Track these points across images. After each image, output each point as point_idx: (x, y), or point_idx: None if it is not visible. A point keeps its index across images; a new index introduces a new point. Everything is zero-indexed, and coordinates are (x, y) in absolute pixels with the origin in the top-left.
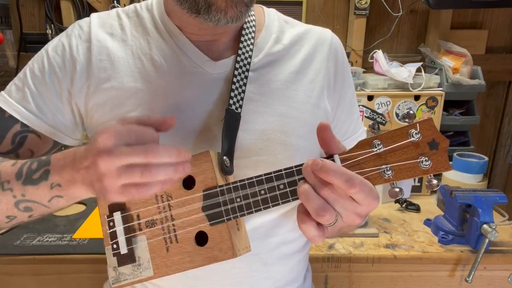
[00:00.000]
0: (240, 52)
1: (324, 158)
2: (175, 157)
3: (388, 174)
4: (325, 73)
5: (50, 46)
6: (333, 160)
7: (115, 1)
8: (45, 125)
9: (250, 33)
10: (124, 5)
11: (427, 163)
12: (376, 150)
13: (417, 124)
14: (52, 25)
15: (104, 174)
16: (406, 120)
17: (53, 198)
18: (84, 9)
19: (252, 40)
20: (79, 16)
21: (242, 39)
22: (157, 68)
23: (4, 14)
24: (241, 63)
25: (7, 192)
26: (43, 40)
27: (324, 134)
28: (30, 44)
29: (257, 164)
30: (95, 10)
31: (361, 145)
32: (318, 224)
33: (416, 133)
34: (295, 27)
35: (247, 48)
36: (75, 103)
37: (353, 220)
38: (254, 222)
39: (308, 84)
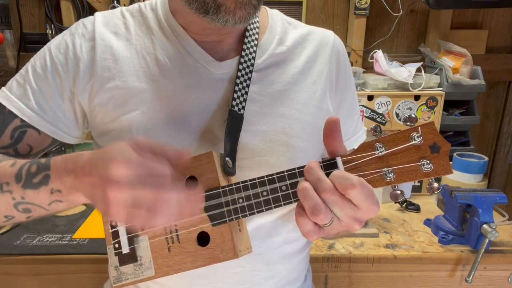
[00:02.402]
0: (243, 53)
1: (326, 160)
2: (184, 198)
3: (389, 177)
4: (327, 74)
5: (53, 43)
6: (335, 162)
7: (115, 1)
8: (45, 123)
9: (253, 34)
10: (124, 5)
11: (428, 166)
12: (378, 153)
13: (419, 128)
14: (52, 25)
15: (111, 202)
16: (408, 123)
17: (53, 202)
18: (84, 9)
19: (255, 42)
20: (79, 16)
21: (246, 40)
22: (161, 67)
23: (4, 14)
24: (244, 64)
25: (7, 194)
26: (43, 40)
27: (333, 126)
28: (30, 44)
29: (260, 165)
30: (95, 10)
31: (363, 147)
32: (314, 222)
33: (417, 137)
34: (298, 29)
35: (251, 50)
36: (79, 102)
37: (352, 225)
38: (257, 222)
39: (310, 85)
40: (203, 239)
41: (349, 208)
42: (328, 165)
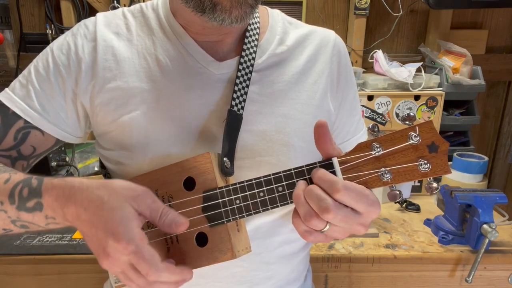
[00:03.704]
0: (243, 53)
1: (323, 161)
2: (175, 279)
3: (386, 177)
4: (328, 74)
5: (55, 44)
6: (331, 163)
7: (115, 1)
8: (47, 123)
9: (254, 34)
10: (124, 5)
11: (426, 166)
12: (375, 153)
13: (417, 127)
14: (52, 25)
15: (103, 265)
16: (406, 122)
17: (49, 224)
18: (84, 9)
19: (256, 42)
20: (79, 16)
21: (246, 40)
22: (162, 68)
23: (4, 14)
24: (244, 65)
25: (2, 212)
26: (43, 40)
27: (321, 130)
28: (30, 44)
29: (260, 165)
30: (95, 10)
31: (360, 147)
32: None
33: (415, 136)
34: (299, 28)
35: (251, 50)
36: (80, 102)
37: (358, 230)
38: (256, 222)
39: (311, 85)
40: (201, 239)
41: (351, 215)
42: (324, 166)
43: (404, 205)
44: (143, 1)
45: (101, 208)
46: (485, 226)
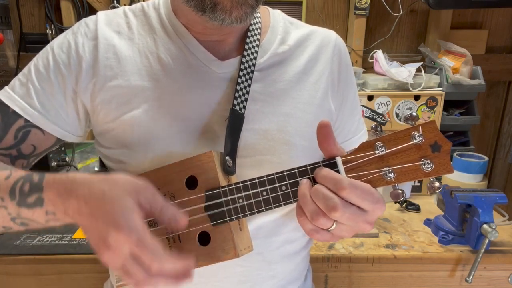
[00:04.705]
0: (245, 53)
1: (326, 160)
2: (179, 267)
3: (390, 177)
4: (329, 74)
5: (55, 43)
6: (335, 163)
7: (115, 1)
8: (47, 122)
9: (255, 34)
10: (125, 5)
11: (429, 165)
12: (378, 153)
13: (420, 127)
14: (52, 25)
15: (103, 261)
16: (409, 122)
17: (49, 221)
18: (84, 9)
19: (257, 42)
20: (79, 16)
21: (248, 40)
22: (164, 67)
23: (4, 14)
24: (246, 64)
25: (2, 209)
26: (43, 40)
27: (325, 130)
28: (30, 44)
29: (262, 164)
30: (95, 10)
31: (364, 147)
32: None
33: (418, 136)
34: (300, 28)
35: (253, 50)
36: (81, 101)
37: (364, 228)
38: (258, 221)
39: (312, 85)
40: (204, 238)
41: (357, 212)
42: (328, 166)
43: (404, 205)
44: (144, 0)
45: (102, 200)
46: (485, 226)
